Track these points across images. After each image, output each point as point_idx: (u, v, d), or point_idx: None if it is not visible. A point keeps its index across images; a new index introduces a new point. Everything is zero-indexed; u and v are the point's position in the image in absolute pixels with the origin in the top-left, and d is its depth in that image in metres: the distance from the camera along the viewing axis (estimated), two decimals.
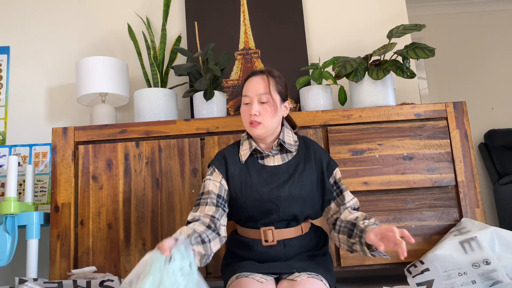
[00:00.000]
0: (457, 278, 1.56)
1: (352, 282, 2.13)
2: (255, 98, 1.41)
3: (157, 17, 2.62)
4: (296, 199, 1.40)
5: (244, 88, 1.46)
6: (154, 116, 2.15)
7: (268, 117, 1.40)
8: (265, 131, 1.41)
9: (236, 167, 1.46)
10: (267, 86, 1.41)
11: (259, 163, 1.46)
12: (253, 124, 1.40)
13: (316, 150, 1.49)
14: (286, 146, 1.46)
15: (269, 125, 1.41)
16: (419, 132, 1.99)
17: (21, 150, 2.46)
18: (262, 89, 1.40)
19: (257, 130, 1.41)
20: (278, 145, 1.47)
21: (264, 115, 1.40)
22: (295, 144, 1.49)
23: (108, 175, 1.96)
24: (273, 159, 1.46)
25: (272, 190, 1.40)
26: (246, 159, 1.46)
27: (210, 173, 1.47)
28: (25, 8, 2.67)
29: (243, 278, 1.31)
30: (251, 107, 1.40)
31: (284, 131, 1.48)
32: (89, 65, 2.21)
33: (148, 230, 1.91)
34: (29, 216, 1.92)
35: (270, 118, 1.40)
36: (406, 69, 2.04)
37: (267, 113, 1.40)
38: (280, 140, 1.46)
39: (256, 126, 1.40)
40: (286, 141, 1.47)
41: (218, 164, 1.47)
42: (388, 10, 2.63)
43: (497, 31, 4.30)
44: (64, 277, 1.84)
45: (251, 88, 1.42)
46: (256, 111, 1.39)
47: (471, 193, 1.94)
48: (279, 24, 2.57)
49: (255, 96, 1.41)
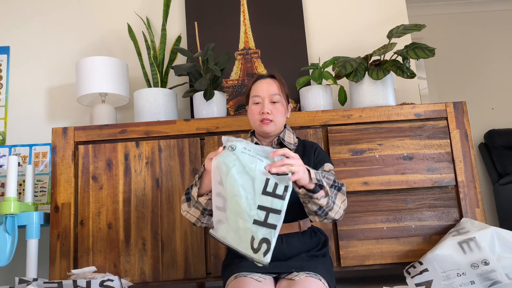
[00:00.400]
0: (456, 279, 1.56)
1: (352, 282, 2.13)
2: (266, 98, 1.49)
3: (157, 17, 2.62)
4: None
5: (253, 89, 1.54)
6: (154, 116, 2.15)
7: (279, 115, 1.50)
8: (275, 128, 1.50)
9: None
10: (279, 87, 1.51)
11: None
12: (265, 121, 1.48)
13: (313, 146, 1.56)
14: (285, 144, 1.53)
15: (279, 123, 1.50)
16: (419, 132, 1.99)
17: (21, 150, 2.46)
18: (274, 90, 1.50)
19: (268, 127, 1.49)
20: (278, 143, 1.55)
21: (276, 113, 1.49)
22: (294, 144, 1.57)
23: (108, 175, 1.96)
24: None
25: None
26: None
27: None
28: (25, 8, 2.67)
29: (241, 277, 1.32)
30: (262, 106, 1.49)
31: (285, 132, 1.56)
32: (89, 65, 2.21)
33: (148, 230, 1.91)
34: (29, 216, 1.92)
35: (281, 116, 1.50)
36: (406, 69, 2.04)
37: (278, 112, 1.49)
38: (280, 139, 1.54)
39: (268, 123, 1.48)
40: (286, 140, 1.54)
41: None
42: (388, 10, 2.63)
43: (497, 31, 4.30)
44: (64, 277, 1.84)
45: (263, 89, 1.51)
46: (268, 109, 1.48)
47: (471, 193, 1.94)
48: (279, 24, 2.58)
49: (267, 96, 1.50)
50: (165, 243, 1.89)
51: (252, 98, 1.53)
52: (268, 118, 1.48)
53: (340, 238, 1.90)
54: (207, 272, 1.88)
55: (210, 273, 1.88)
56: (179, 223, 1.91)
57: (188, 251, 1.89)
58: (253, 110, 1.51)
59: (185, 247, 1.89)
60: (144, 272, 1.87)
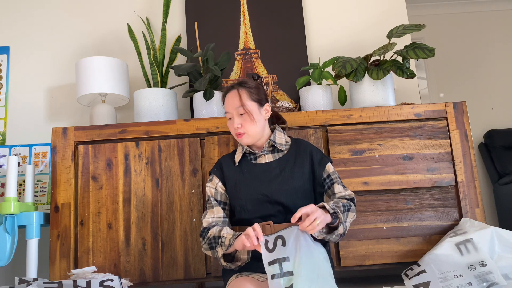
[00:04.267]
0: (453, 280, 1.56)
1: (352, 282, 2.13)
2: (234, 112, 1.54)
3: (157, 17, 2.62)
4: (288, 191, 1.48)
5: (224, 105, 1.59)
6: (154, 116, 2.15)
7: (249, 125, 1.52)
8: (251, 138, 1.54)
9: (231, 169, 1.58)
10: (240, 100, 1.53)
11: (252, 163, 1.57)
12: (239, 135, 1.53)
13: (307, 147, 1.59)
14: (277, 146, 1.56)
15: (253, 132, 1.53)
16: (419, 132, 1.99)
17: (21, 150, 2.46)
18: (237, 103, 1.53)
19: (243, 139, 1.54)
20: (270, 146, 1.58)
21: (245, 125, 1.52)
22: (286, 144, 1.59)
23: (108, 175, 1.96)
24: (265, 157, 1.57)
25: (264, 183, 1.50)
26: (240, 161, 1.58)
27: (209, 180, 1.62)
28: (25, 8, 2.67)
29: (242, 277, 1.32)
30: (233, 121, 1.54)
31: (276, 134, 1.59)
32: (89, 65, 2.21)
33: (148, 230, 1.91)
34: (29, 216, 1.92)
35: (252, 126, 1.53)
36: (406, 69, 2.04)
37: (247, 123, 1.52)
38: (271, 141, 1.56)
39: (242, 136, 1.53)
40: (277, 141, 1.57)
41: (215, 170, 1.62)
42: (388, 10, 2.63)
43: (497, 31, 4.30)
44: (64, 277, 1.84)
45: (228, 104, 1.56)
46: (238, 124, 1.52)
47: (471, 193, 1.94)
48: (279, 24, 2.58)
49: (233, 111, 1.54)
50: (165, 243, 1.89)
51: (225, 114, 1.58)
52: (239, 132, 1.52)
53: None
54: (207, 272, 1.88)
55: (210, 273, 1.88)
56: (179, 223, 1.91)
57: (188, 251, 1.89)
58: (229, 126, 1.57)
59: (185, 247, 1.89)
60: (144, 272, 1.87)
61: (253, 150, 1.58)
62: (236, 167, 1.57)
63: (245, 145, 1.56)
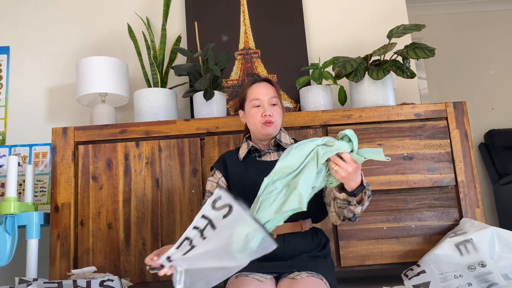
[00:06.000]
0: (453, 281, 1.56)
1: (352, 282, 2.13)
2: (265, 100, 1.53)
3: (157, 17, 2.62)
4: None
5: (251, 93, 1.57)
6: (154, 116, 2.15)
7: (278, 117, 1.55)
8: (276, 130, 1.55)
9: (235, 165, 1.57)
10: (276, 91, 1.57)
11: (257, 160, 1.57)
12: (268, 123, 1.51)
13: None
14: (283, 144, 1.56)
15: (279, 124, 1.55)
16: (419, 132, 1.99)
17: (21, 150, 2.46)
18: (273, 93, 1.55)
19: (270, 128, 1.52)
20: (275, 144, 1.57)
21: (276, 116, 1.54)
22: (290, 144, 1.58)
23: (108, 175, 1.96)
24: (270, 155, 1.57)
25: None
26: (245, 157, 1.57)
27: (211, 175, 1.60)
28: (25, 8, 2.67)
29: (242, 277, 1.32)
30: (263, 108, 1.53)
31: (281, 134, 1.60)
32: (89, 65, 2.21)
33: (148, 230, 1.91)
34: (29, 216, 1.92)
35: (279, 118, 1.56)
36: (406, 69, 2.04)
37: (278, 114, 1.54)
38: (277, 140, 1.56)
39: (271, 125, 1.52)
40: (283, 141, 1.57)
41: (218, 165, 1.60)
42: (388, 10, 2.63)
43: (497, 31, 4.30)
44: (64, 277, 1.84)
45: (262, 92, 1.55)
46: (270, 111, 1.52)
47: (471, 193, 1.94)
48: (279, 24, 2.57)
49: (266, 99, 1.54)
50: (165, 243, 1.89)
51: (251, 102, 1.55)
52: (270, 120, 1.51)
53: (340, 238, 1.90)
54: None
55: None
56: (179, 223, 1.91)
57: None
58: (254, 113, 1.54)
59: None
60: (144, 272, 1.87)
61: (259, 147, 1.58)
62: (240, 162, 1.57)
63: (268, 134, 1.54)
